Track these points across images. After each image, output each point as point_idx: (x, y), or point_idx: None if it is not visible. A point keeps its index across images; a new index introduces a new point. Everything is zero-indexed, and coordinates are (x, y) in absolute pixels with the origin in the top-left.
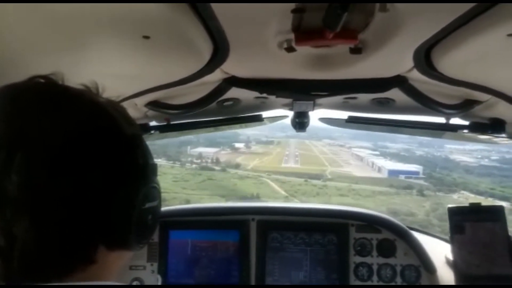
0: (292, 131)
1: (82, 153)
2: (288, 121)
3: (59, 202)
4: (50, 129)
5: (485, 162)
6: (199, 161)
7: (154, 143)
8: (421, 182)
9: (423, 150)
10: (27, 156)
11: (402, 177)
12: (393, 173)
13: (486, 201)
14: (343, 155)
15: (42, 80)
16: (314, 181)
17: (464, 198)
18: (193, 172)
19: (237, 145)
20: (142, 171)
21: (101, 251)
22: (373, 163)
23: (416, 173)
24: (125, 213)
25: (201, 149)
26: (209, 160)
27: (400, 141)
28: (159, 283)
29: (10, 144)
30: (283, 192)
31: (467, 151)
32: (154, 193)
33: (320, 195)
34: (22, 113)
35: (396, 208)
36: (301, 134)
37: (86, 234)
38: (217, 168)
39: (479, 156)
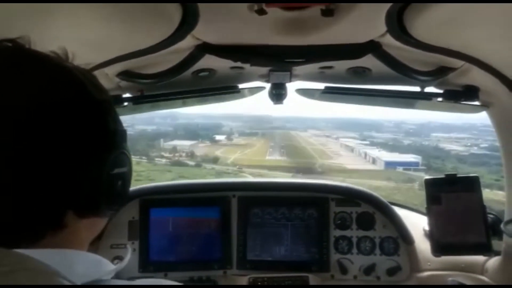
0: (278, 123)
1: (50, 118)
2: (274, 113)
3: (27, 167)
4: (16, 93)
5: (475, 150)
6: (171, 155)
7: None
8: (421, 174)
9: (410, 139)
10: None
11: (400, 168)
12: (390, 164)
13: (495, 195)
14: (332, 145)
15: (8, 44)
16: (303, 176)
17: None
18: (162, 168)
19: (217, 137)
20: (112, 137)
21: (71, 217)
22: (365, 154)
23: (415, 164)
24: (93, 179)
25: (176, 142)
26: (184, 154)
27: (386, 131)
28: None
29: None
30: None
31: (454, 139)
32: (123, 159)
33: None
34: None
35: None
36: (287, 125)
37: (55, 200)
38: (191, 163)
39: (468, 144)
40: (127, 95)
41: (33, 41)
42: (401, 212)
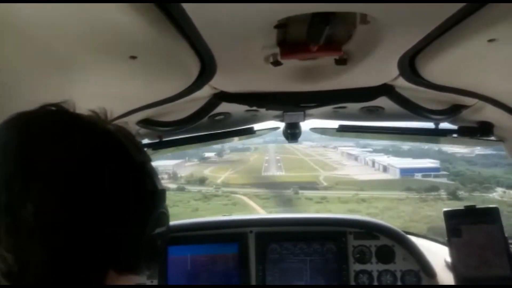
0: (270, 137)
1: (95, 181)
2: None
3: (72, 229)
4: (63, 157)
5: (479, 151)
6: None
7: None
8: (444, 180)
9: (408, 144)
10: (41, 186)
11: (418, 175)
12: (406, 172)
13: None
14: (332, 155)
15: (53, 108)
16: (308, 193)
17: (509, 197)
18: None
19: (207, 154)
20: (152, 197)
21: (111, 275)
22: (373, 162)
23: (435, 169)
24: (135, 239)
25: (158, 163)
26: (166, 177)
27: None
28: None
29: (25, 173)
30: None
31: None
32: (163, 218)
33: (320, 212)
34: (35, 142)
35: (436, 222)
36: (280, 138)
37: (98, 260)
38: (172, 186)
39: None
40: (146, 141)
41: (62, 97)
42: (419, 242)
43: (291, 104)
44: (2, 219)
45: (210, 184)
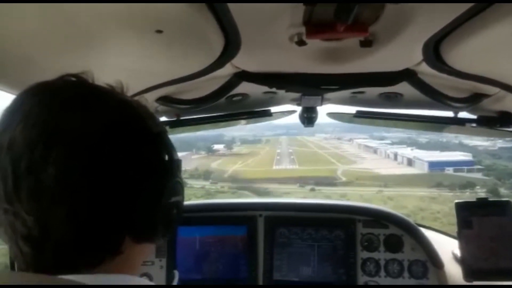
0: (281, 130)
1: (113, 149)
2: (277, 120)
3: (92, 194)
4: (83, 125)
5: (501, 144)
6: None
7: None
8: (479, 175)
9: (425, 136)
10: (63, 151)
11: (449, 170)
12: (436, 165)
13: None
14: (348, 148)
15: (73, 79)
16: (326, 189)
17: None
18: None
19: (216, 146)
20: (168, 166)
21: (128, 243)
22: (396, 155)
23: (469, 163)
24: (152, 207)
25: None
26: None
27: (395, 130)
28: (177, 279)
29: (47, 139)
30: None
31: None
32: (178, 187)
33: None
34: (57, 110)
35: None
36: (291, 130)
37: (116, 226)
38: None
39: (491, 138)
40: (164, 118)
41: (79, 70)
42: (428, 234)
43: (312, 86)
44: (24, 182)
45: (217, 178)
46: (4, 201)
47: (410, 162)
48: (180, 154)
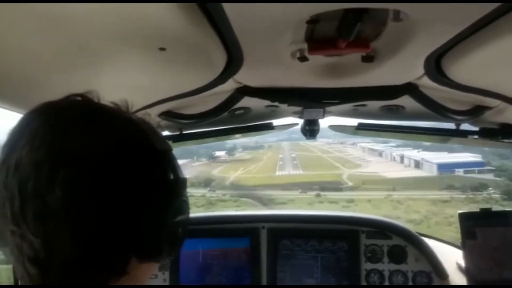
0: (284, 135)
1: (119, 169)
2: None
3: (97, 215)
4: (89, 145)
5: None
6: None
7: None
8: (490, 176)
9: None
10: (69, 172)
11: (460, 171)
12: (445, 167)
13: None
14: (352, 151)
15: (78, 98)
16: (332, 195)
17: None
18: None
19: (217, 153)
20: (173, 185)
21: (133, 263)
22: (402, 157)
23: (479, 164)
24: (157, 227)
25: None
26: None
27: None
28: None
29: (53, 160)
30: None
31: None
32: (184, 206)
33: None
34: (63, 130)
35: None
36: (294, 136)
37: (121, 247)
38: None
39: None
40: (167, 133)
41: (90, 88)
42: (431, 244)
43: (313, 100)
44: (30, 204)
45: (217, 186)
46: (11, 222)
47: (417, 165)
48: (180, 162)
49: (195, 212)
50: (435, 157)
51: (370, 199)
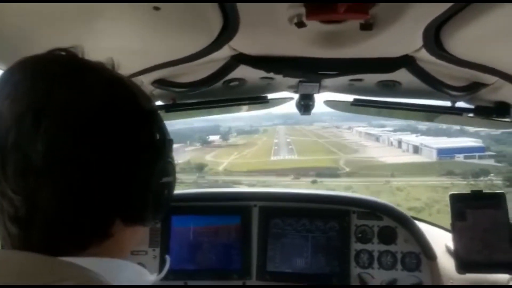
0: (279, 119)
1: (104, 125)
2: (274, 110)
3: (81, 172)
4: (73, 100)
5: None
6: None
7: None
8: (491, 162)
9: (425, 123)
10: (52, 125)
11: (460, 157)
12: (445, 152)
13: None
14: (349, 136)
15: (62, 53)
16: (329, 181)
17: None
18: None
19: (211, 137)
20: (159, 146)
21: (118, 225)
22: (400, 142)
23: (480, 149)
24: (142, 187)
25: None
26: None
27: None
28: (167, 265)
29: (35, 112)
30: None
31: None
32: (170, 168)
33: None
34: (46, 84)
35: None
36: (289, 120)
37: (105, 207)
38: None
39: None
40: (160, 102)
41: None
42: (422, 226)
43: (310, 71)
44: (11, 158)
45: (209, 172)
46: None
47: (416, 150)
48: (173, 146)
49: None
50: (434, 142)
51: (368, 186)
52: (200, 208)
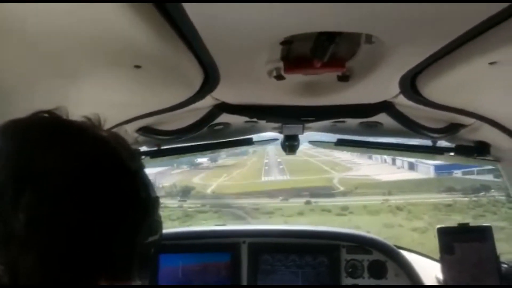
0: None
1: (87, 189)
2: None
3: (65, 237)
4: (55, 165)
5: None
6: None
7: None
8: (490, 177)
9: (416, 140)
10: (34, 194)
11: (458, 172)
12: (443, 168)
13: None
14: (340, 155)
15: (46, 115)
16: (323, 201)
17: None
18: None
19: (199, 160)
20: (145, 205)
21: (103, 281)
22: (394, 159)
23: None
24: (128, 247)
25: None
26: None
27: None
28: None
29: (17, 182)
30: None
31: None
32: (156, 226)
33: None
34: (27, 149)
35: None
36: (277, 141)
37: (91, 267)
38: None
39: None
40: (144, 148)
41: (58, 104)
42: (411, 258)
43: (291, 118)
44: None
45: (196, 195)
46: None
47: (412, 166)
48: (159, 169)
49: (169, 227)
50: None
51: (366, 205)
52: (188, 246)
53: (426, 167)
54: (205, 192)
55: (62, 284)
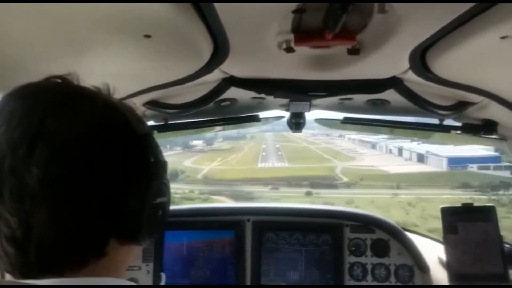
0: (267, 126)
1: (98, 150)
2: (262, 115)
3: (76, 196)
4: (68, 126)
5: None
6: None
7: None
8: (507, 174)
9: None
10: (47, 151)
11: (473, 167)
12: (457, 162)
13: None
14: (342, 143)
15: (58, 80)
16: (326, 193)
17: None
18: None
19: (194, 142)
20: (153, 167)
21: (113, 244)
22: (401, 149)
23: (495, 159)
24: (137, 208)
25: None
26: None
27: None
28: (163, 281)
29: (30, 138)
30: None
31: None
32: (164, 189)
33: None
34: (41, 111)
35: None
36: (277, 127)
37: (100, 228)
38: None
39: None
40: (152, 122)
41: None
42: (414, 238)
43: (299, 93)
44: (6, 183)
45: (185, 180)
46: None
47: (421, 158)
48: None
49: None
50: (442, 149)
51: (373, 200)
52: (193, 223)
53: (438, 160)
54: (196, 177)
55: (72, 241)
